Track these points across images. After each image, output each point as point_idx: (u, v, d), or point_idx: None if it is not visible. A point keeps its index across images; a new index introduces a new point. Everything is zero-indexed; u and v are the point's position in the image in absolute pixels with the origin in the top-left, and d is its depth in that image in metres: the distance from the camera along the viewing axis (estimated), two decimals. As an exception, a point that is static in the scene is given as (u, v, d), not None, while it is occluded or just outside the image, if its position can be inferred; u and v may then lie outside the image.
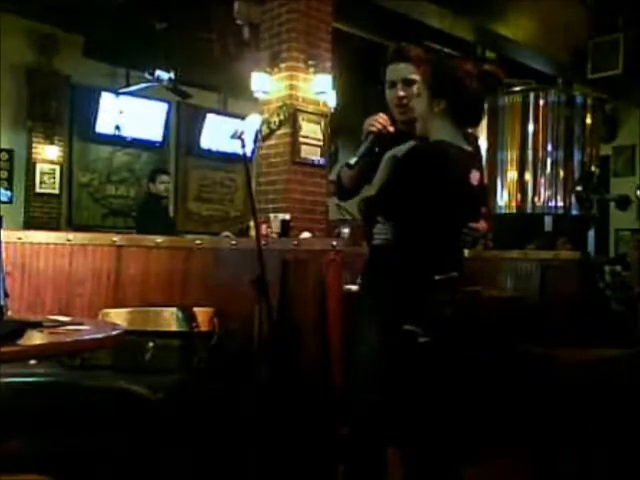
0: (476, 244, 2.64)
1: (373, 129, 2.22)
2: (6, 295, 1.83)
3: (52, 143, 7.16)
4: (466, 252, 2.40)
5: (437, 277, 2.05)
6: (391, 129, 2.24)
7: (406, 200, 2.03)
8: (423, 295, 2.04)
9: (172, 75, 6.63)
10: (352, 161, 2.21)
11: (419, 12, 5.93)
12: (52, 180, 7.18)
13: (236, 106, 7.96)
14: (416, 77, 2.21)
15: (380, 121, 2.23)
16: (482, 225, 2.25)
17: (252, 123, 2.61)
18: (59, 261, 2.92)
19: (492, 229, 3.62)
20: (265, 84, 5.27)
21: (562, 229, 6.39)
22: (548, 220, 6.58)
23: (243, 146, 2.41)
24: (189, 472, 2.36)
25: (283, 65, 5.20)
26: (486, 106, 2.20)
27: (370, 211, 2.18)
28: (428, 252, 2.06)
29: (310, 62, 5.19)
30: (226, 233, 4.32)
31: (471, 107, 2.09)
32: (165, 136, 8.11)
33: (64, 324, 1.86)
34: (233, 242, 3.20)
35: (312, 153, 5.24)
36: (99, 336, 1.81)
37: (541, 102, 6.24)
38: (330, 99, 5.38)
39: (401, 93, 2.25)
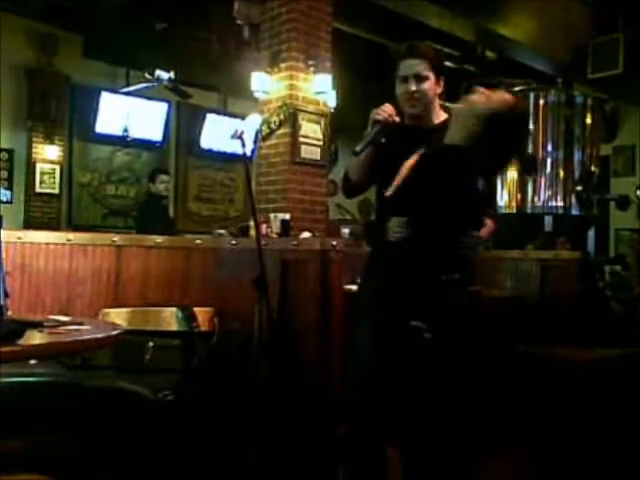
0: (477, 249, 2.65)
1: (379, 117, 2.26)
2: (6, 295, 1.83)
3: (52, 143, 7.14)
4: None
5: (444, 277, 2.09)
6: (397, 119, 2.29)
7: (419, 199, 2.06)
8: (427, 294, 2.06)
9: (172, 75, 6.63)
10: (358, 148, 2.27)
11: (419, 12, 5.93)
12: (52, 180, 7.16)
13: (236, 106, 7.94)
14: (428, 74, 2.26)
15: (386, 110, 2.26)
16: (485, 231, 2.28)
17: (252, 123, 2.62)
18: (59, 261, 2.92)
19: (496, 231, 3.62)
20: (265, 84, 5.27)
21: (562, 229, 6.38)
22: (548, 220, 6.57)
23: (243, 146, 2.41)
24: (189, 472, 2.36)
25: (283, 65, 5.20)
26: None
27: (382, 213, 2.22)
28: (437, 253, 2.09)
29: (310, 62, 5.19)
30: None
31: None
32: (165, 136, 8.09)
33: (64, 324, 1.86)
34: (233, 242, 3.20)
35: (312, 153, 5.24)
36: (99, 336, 1.82)
37: (541, 102, 6.22)
38: (330, 99, 5.38)
39: (413, 87, 2.28)
